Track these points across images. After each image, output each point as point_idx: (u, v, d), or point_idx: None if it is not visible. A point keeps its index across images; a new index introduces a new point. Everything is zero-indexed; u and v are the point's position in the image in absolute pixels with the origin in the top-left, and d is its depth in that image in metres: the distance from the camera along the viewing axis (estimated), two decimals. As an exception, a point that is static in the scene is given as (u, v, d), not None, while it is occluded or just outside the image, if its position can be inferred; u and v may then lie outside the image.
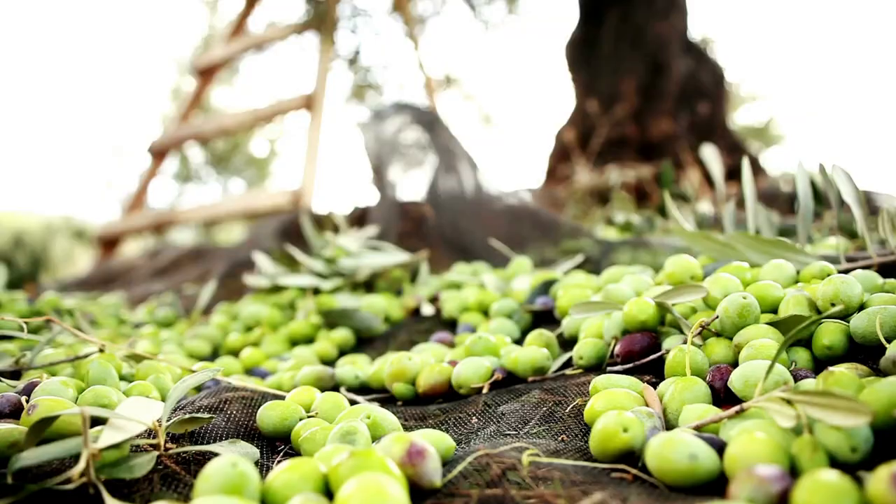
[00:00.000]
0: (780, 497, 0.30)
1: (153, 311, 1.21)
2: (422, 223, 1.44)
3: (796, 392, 0.35)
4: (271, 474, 0.35)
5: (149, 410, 0.43)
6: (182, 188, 8.13)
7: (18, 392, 0.52)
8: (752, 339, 0.48)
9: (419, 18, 3.80)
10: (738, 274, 0.63)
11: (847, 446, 0.33)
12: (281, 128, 8.45)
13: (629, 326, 0.58)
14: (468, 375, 0.59)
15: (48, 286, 2.12)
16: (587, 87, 2.97)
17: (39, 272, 4.47)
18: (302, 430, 0.48)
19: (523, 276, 0.95)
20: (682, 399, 0.44)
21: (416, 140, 1.74)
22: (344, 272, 1.12)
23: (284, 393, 0.59)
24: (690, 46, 3.02)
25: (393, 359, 0.64)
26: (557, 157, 2.96)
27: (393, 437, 0.37)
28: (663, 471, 0.35)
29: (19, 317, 0.94)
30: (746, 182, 0.84)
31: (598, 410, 0.44)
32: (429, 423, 0.55)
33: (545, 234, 1.35)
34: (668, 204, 0.91)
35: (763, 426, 0.36)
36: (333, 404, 0.52)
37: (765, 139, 8.33)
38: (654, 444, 0.35)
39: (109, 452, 0.38)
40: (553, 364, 0.62)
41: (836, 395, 0.33)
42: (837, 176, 0.70)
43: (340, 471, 0.34)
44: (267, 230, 1.72)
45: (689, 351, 0.50)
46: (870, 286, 0.56)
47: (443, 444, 0.42)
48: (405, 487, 0.33)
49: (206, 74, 3.63)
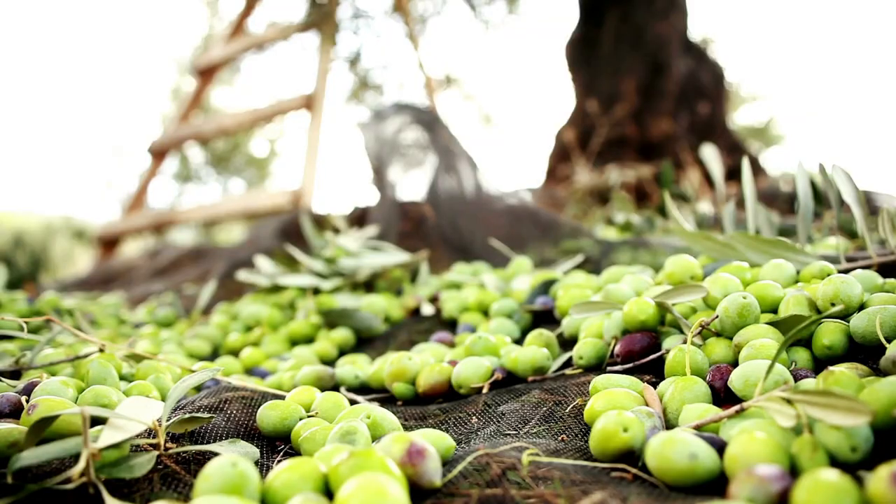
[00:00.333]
0: (780, 496, 0.30)
1: (153, 311, 1.21)
2: (422, 223, 1.44)
3: (796, 392, 0.35)
4: (271, 474, 0.35)
5: (149, 410, 0.43)
6: (182, 188, 8.13)
7: (18, 392, 0.52)
8: (752, 339, 0.48)
9: (419, 18, 3.80)
10: (738, 274, 0.63)
11: (847, 446, 0.33)
12: (281, 128, 8.45)
13: (629, 326, 0.58)
14: (468, 375, 0.59)
15: (48, 286, 2.12)
16: (587, 87, 2.97)
17: (39, 272, 4.47)
18: (302, 430, 0.48)
19: (523, 276, 0.95)
20: (682, 399, 0.44)
21: (416, 140, 1.74)
22: (344, 272, 1.12)
23: (284, 393, 0.59)
24: (690, 46, 3.02)
25: (393, 359, 0.64)
26: (557, 157, 2.96)
27: (393, 437, 0.37)
28: (663, 470, 0.35)
29: (19, 317, 0.94)
30: (746, 182, 0.84)
31: (598, 410, 0.44)
32: (429, 423, 0.55)
33: (545, 234, 1.35)
34: (668, 204, 0.91)
35: (763, 426, 0.36)
36: (333, 404, 0.52)
37: (765, 139, 8.33)
38: (654, 443, 0.35)
39: (109, 452, 0.38)
40: (553, 364, 0.62)
41: (836, 394, 0.33)
42: (837, 176, 0.70)
43: (340, 471, 0.34)
44: (267, 230, 1.72)
45: (689, 351, 0.50)
46: (870, 286, 0.56)
47: (443, 443, 0.42)
48: (405, 487, 0.33)
49: (206, 74, 3.63)
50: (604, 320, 0.63)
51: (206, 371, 0.51)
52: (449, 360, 0.64)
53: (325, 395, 0.54)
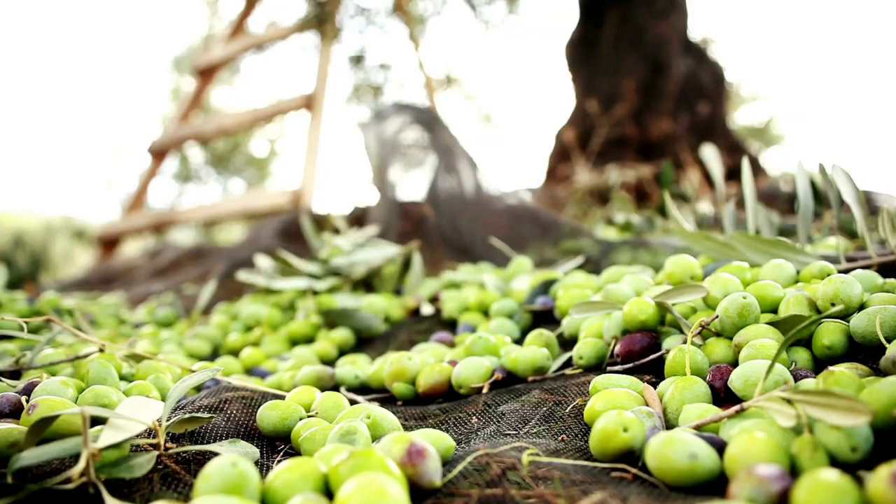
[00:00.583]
0: (780, 496, 0.30)
1: (153, 311, 1.21)
2: (422, 223, 1.44)
3: (796, 392, 0.35)
4: (271, 474, 0.35)
5: (148, 410, 0.43)
6: (182, 188, 8.14)
7: (18, 392, 0.52)
8: (753, 339, 0.48)
9: (420, 18, 3.80)
10: (738, 274, 0.63)
11: (847, 446, 0.33)
12: (281, 128, 8.45)
13: (629, 326, 0.58)
14: (468, 375, 0.59)
15: (48, 286, 2.12)
16: (587, 87, 2.97)
17: (39, 272, 4.47)
18: (302, 430, 0.48)
19: (523, 276, 0.95)
20: (682, 399, 0.44)
21: (416, 140, 1.74)
22: (338, 271, 1.12)
23: (284, 393, 0.59)
24: (690, 46, 3.02)
25: (393, 359, 0.64)
26: (557, 157, 2.96)
27: (393, 437, 0.37)
28: (663, 470, 0.35)
29: (19, 317, 0.94)
30: (746, 182, 0.84)
31: (597, 410, 0.44)
32: (428, 423, 0.55)
33: (545, 234, 1.35)
34: (668, 204, 0.91)
35: (763, 426, 0.36)
36: (333, 404, 0.52)
37: (765, 139, 8.34)
38: (654, 443, 0.35)
39: (109, 452, 0.38)
40: (553, 364, 0.62)
41: (837, 394, 0.33)
42: (837, 176, 0.70)
43: (340, 470, 0.34)
44: (267, 230, 1.72)
45: (689, 351, 0.50)
46: (870, 286, 0.56)
47: (443, 443, 0.42)
48: (405, 487, 0.33)
49: (206, 74, 3.63)
50: (604, 320, 0.63)
51: (206, 371, 0.51)
52: (449, 360, 0.64)
53: (326, 395, 0.54)
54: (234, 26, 3.67)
